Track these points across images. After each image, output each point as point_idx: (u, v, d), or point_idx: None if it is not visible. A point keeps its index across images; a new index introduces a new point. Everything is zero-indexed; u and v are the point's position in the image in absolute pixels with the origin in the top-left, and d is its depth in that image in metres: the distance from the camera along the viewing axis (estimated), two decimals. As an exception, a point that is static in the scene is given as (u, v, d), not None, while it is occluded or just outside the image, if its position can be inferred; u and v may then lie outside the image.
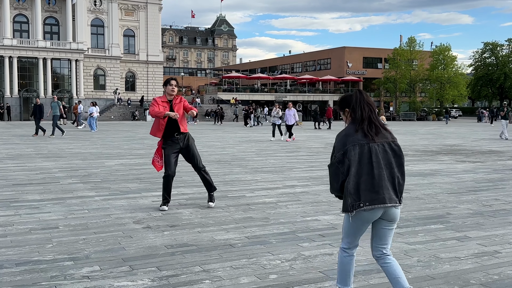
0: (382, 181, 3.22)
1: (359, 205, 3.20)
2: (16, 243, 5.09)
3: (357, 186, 3.21)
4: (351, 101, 3.38)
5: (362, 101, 3.35)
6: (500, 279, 4.14)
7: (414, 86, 67.66)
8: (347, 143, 3.26)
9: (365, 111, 3.32)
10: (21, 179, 9.56)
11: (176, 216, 6.42)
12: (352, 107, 3.35)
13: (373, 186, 3.20)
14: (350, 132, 3.30)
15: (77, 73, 56.71)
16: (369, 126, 3.29)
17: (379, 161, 3.23)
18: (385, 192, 3.21)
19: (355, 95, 3.39)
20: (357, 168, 3.22)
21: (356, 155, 3.22)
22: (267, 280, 4.07)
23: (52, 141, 20.17)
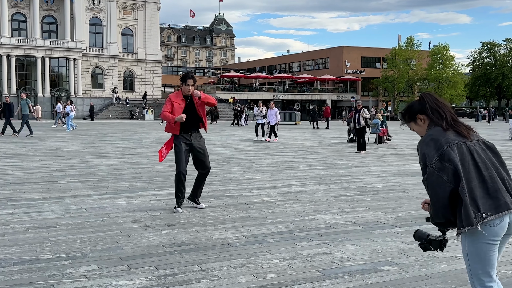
0: (496, 183, 2.60)
1: (482, 215, 2.53)
2: (14, 242, 5.09)
3: (473, 195, 2.55)
4: (424, 104, 2.80)
5: (437, 101, 2.79)
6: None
7: (412, 86, 67.70)
8: (442, 144, 2.61)
9: (446, 110, 2.76)
10: (19, 178, 9.54)
11: (174, 215, 6.42)
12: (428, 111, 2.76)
13: (488, 192, 2.57)
14: (437, 134, 2.67)
15: (75, 72, 56.59)
16: (457, 123, 2.72)
17: (485, 161, 2.64)
18: (504, 195, 2.58)
19: (426, 97, 2.82)
20: (462, 173, 2.55)
21: (457, 156, 2.58)
22: (265, 279, 4.08)
23: (50, 140, 20.14)
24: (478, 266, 2.61)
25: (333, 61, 71.85)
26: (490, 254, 2.60)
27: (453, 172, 2.56)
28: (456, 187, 2.55)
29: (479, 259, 2.60)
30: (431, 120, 2.76)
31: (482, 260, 2.60)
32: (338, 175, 10.45)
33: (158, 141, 20.02)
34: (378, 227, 5.88)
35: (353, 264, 4.48)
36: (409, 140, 22.27)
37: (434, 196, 2.61)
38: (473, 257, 2.62)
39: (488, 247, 2.58)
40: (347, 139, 21.71)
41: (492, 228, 2.56)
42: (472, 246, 2.61)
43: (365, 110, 16.94)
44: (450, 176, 2.56)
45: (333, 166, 12.00)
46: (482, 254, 2.60)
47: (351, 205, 7.16)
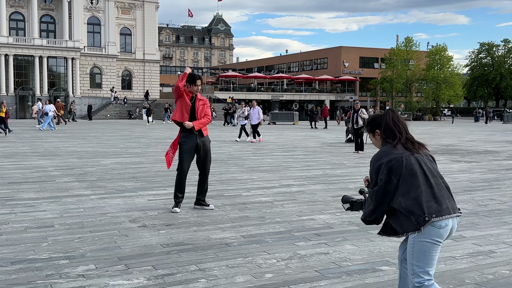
0: (441, 190, 2.92)
1: (425, 219, 2.82)
2: (12, 241, 5.08)
3: (417, 201, 2.84)
4: (381, 121, 3.11)
5: (395, 120, 3.09)
6: (495, 279, 4.16)
7: (410, 86, 67.79)
8: (390, 160, 2.94)
9: (401, 130, 3.06)
10: (16, 178, 9.53)
11: (172, 215, 6.42)
12: (384, 128, 3.08)
13: (434, 197, 2.87)
14: (387, 150, 3.01)
15: (73, 72, 56.50)
16: (407, 141, 3.03)
17: (431, 170, 2.96)
18: (447, 201, 2.90)
19: (387, 115, 3.12)
20: (410, 181, 2.89)
21: (404, 168, 2.90)
22: (263, 279, 4.08)
23: (47, 140, 20.11)
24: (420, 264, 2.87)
25: (332, 61, 71.91)
26: (433, 253, 2.87)
27: (395, 186, 2.91)
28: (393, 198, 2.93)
29: (423, 257, 2.86)
30: (384, 138, 3.08)
31: (425, 258, 2.86)
32: (336, 175, 10.45)
33: (156, 141, 20.01)
34: (376, 227, 5.86)
35: (351, 264, 4.48)
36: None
37: (376, 206, 2.98)
38: (417, 255, 2.87)
39: (432, 247, 2.85)
40: (345, 139, 21.73)
41: (438, 230, 2.84)
42: (418, 244, 2.87)
43: (363, 110, 16.97)
44: (392, 188, 2.92)
45: (331, 166, 12.01)
46: (426, 252, 2.85)
47: (349, 205, 7.15)
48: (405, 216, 2.87)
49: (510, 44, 79.03)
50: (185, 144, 6.60)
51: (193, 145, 6.61)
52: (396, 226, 2.98)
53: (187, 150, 6.61)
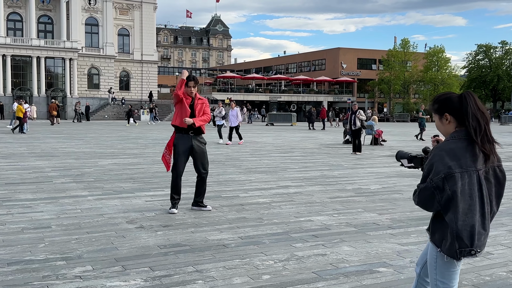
0: (488, 220, 2.52)
1: (470, 252, 2.47)
2: (8, 242, 5.07)
3: (471, 230, 2.45)
4: (459, 105, 2.50)
5: (477, 107, 2.47)
6: (492, 280, 4.16)
7: (408, 88, 67.91)
8: (454, 166, 2.42)
9: (482, 122, 2.47)
10: (13, 178, 9.51)
11: (169, 216, 6.41)
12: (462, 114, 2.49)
13: (483, 228, 2.49)
14: (457, 151, 2.45)
15: (71, 72, 56.44)
16: (486, 145, 2.48)
17: (487, 195, 2.50)
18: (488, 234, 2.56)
19: (467, 97, 2.49)
20: (469, 203, 2.44)
21: (465, 185, 2.43)
22: (260, 280, 4.07)
23: (45, 140, 20.08)
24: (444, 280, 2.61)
25: (329, 63, 72.00)
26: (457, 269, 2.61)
27: (448, 198, 2.45)
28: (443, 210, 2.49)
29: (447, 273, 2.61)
30: (461, 127, 2.51)
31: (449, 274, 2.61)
32: (333, 176, 10.45)
33: (154, 142, 19.99)
34: (373, 228, 5.88)
35: (348, 266, 4.48)
36: (405, 142, 22.33)
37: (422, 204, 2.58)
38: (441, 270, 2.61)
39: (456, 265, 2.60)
40: (343, 140, 21.74)
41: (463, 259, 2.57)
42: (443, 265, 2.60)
43: (361, 111, 16.97)
44: (443, 200, 2.47)
45: (329, 168, 12.02)
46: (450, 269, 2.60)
47: (346, 207, 7.17)
48: (451, 235, 2.48)
49: (507, 46, 79.26)
50: (180, 146, 6.59)
51: (188, 146, 6.61)
52: (435, 233, 2.60)
53: (182, 151, 6.60)
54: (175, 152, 6.63)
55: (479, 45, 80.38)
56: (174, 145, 6.63)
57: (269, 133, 29.73)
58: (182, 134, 6.59)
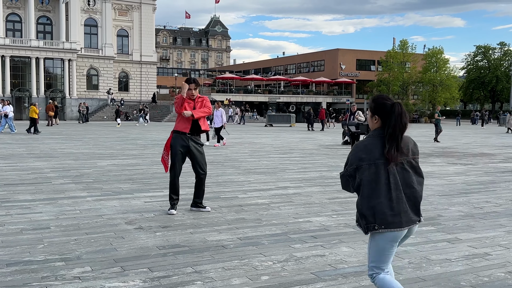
0: (401, 204, 3.02)
1: (374, 227, 3.03)
2: (7, 243, 5.07)
3: (373, 209, 3.01)
4: (389, 112, 3.04)
5: (400, 117, 3.02)
6: (490, 281, 4.17)
7: (407, 89, 67.95)
8: (363, 160, 3.03)
9: (398, 130, 3.01)
10: (12, 179, 9.50)
11: (168, 217, 6.41)
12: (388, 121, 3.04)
13: (391, 209, 3.00)
14: (370, 147, 3.05)
15: (70, 73, 56.41)
16: (394, 146, 3.01)
17: (398, 182, 3.02)
18: (402, 215, 3.02)
19: (396, 108, 3.04)
20: (372, 189, 3.02)
21: (371, 175, 3.01)
22: (259, 281, 4.08)
23: (44, 141, 20.07)
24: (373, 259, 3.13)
25: (328, 64, 72.04)
26: (385, 252, 3.10)
27: (358, 185, 3.09)
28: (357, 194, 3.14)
29: (376, 254, 3.11)
30: (383, 128, 3.06)
31: (378, 255, 3.11)
32: (332, 177, 10.46)
33: (153, 143, 19.99)
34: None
35: (347, 266, 4.49)
36: (404, 143, 22.34)
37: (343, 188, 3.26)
38: (371, 251, 3.14)
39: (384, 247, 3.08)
40: (342, 141, 21.76)
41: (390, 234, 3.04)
42: (372, 241, 3.12)
43: (359, 112, 16.99)
44: (355, 185, 3.12)
45: (328, 168, 12.02)
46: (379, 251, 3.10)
47: (345, 207, 7.18)
48: (360, 215, 3.10)
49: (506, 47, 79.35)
50: (177, 146, 6.61)
51: (185, 147, 6.63)
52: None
53: (179, 152, 6.62)
54: (172, 153, 6.65)
55: (478, 46, 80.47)
56: (171, 145, 6.64)
57: (268, 134, 29.74)
58: (179, 135, 6.62)
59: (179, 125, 6.64)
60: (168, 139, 6.71)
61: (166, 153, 6.69)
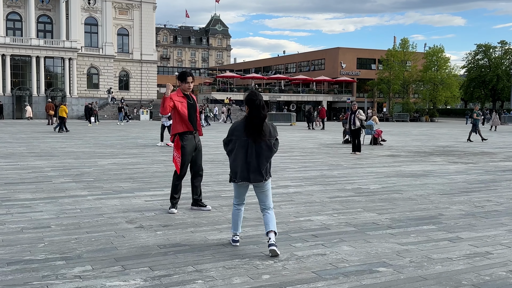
0: (250, 166, 4.74)
1: (234, 180, 4.89)
2: (8, 242, 5.06)
3: (235, 168, 4.81)
4: (251, 101, 4.69)
5: (253, 102, 4.69)
6: (491, 280, 4.16)
7: (407, 87, 67.93)
8: (234, 134, 4.79)
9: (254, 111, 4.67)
10: (13, 178, 9.50)
11: (169, 215, 6.40)
12: (250, 107, 4.68)
13: (246, 170, 4.76)
14: (239, 127, 4.77)
15: (70, 72, 56.41)
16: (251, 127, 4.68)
17: (252, 153, 4.71)
18: (250, 174, 4.76)
19: (250, 95, 4.73)
20: (236, 154, 4.78)
21: (235, 144, 4.77)
22: (260, 280, 4.07)
23: (44, 140, 20.06)
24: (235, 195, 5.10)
25: (329, 62, 72.00)
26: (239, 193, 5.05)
27: (228, 151, 4.89)
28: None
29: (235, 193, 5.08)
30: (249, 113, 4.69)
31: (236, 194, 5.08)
32: (333, 176, 10.45)
33: (153, 142, 19.98)
34: (373, 228, 5.89)
35: (348, 265, 4.48)
36: (404, 142, 22.33)
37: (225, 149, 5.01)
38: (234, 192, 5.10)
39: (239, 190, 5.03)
40: (342, 140, 21.74)
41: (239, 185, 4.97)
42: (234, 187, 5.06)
43: (360, 111, 16.96)
44: (228, 150, 4.89)
45: (328, 167, 12.01)
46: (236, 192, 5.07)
47: (346, 206, 7.17)
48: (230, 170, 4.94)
49: (506, 45, 79.31)
50: (188, 146, 6.50)
51: (193, 146, 6.58)
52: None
53: (189, 151, 6.54)
54: (183, 154, 6.50)
55: (479, 45, 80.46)
56: (183, 147, 6.48)
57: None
58: (188, 135, 6.50)
59: (181, 126, 6.48)
60: (176, 140, 6.54)
61: (178, 155, 6.52)
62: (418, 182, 9.68)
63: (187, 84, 6.44)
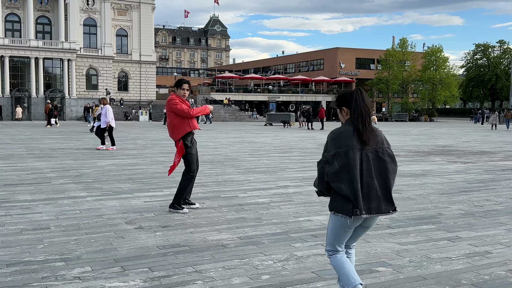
0: (371, 190, 3.14)
1: (356, 212, 3.12)
2: (7, 243, 5.06)
3: (355, 193, 3.11)
4: (351, 100, 3.22)
5: (362, 101, 3.20)
6: (491, 279, 4.16)
7: (406, 87, 67.97)
8: (341, 146, 3.15)
9: (364, 113, 3.18)
10: (12, 179, 9.49)
11: (169, 216, 6.40)
12: (353, 107, 3.20)
13: (367, 196, 3.14)
14: (345, 134, 3.18)
15: (69, 73, 56.41)
16: (365, 130, 3.15)
17: (370, 169, 3.15)
18: (372, 202, 3.15)
19: (355, 93, 3.23)
20: (350, 172, 3.11)
21: (348, 160, 3.11)
22: (260, 280, 4.07)
23: (43, 141, 20.05)
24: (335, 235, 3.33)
25: (328, 63, 72.03)
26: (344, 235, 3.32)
27: (335, 171, 3.14)
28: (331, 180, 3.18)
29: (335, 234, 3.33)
30: (351, 117, 3.21)
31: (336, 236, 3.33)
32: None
33: (153, 142, 19.98)
34: (373, 228, 5.88)
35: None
36: (403, 141, 22.34)
37: (319, 176, 3.30)
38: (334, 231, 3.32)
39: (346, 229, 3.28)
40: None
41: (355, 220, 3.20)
42: (336, 223, 3.28)
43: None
44: (331, 172, 3.16)
45: (328, 167, 12.00)
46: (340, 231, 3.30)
47: (345, 206, 7.16)
48: (343, 199, 3.16)
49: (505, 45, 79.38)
50: (194, 147, 6.73)
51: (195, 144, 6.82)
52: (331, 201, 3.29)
53: (195, 150, 6.76)
54: (189, 153, 6.65)
55: (477, 45, 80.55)
56: (188, 146, 6.64)
57: (267, 133, 29.73)
58: (191, 136, 6.70)
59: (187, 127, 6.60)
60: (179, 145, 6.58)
61: (179, 160, 6.69)
62: (417, 182, 9.68)
63: (182, 91, 6.67)
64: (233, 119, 54.77)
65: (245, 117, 56.08)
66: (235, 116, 55.68)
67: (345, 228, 3.26)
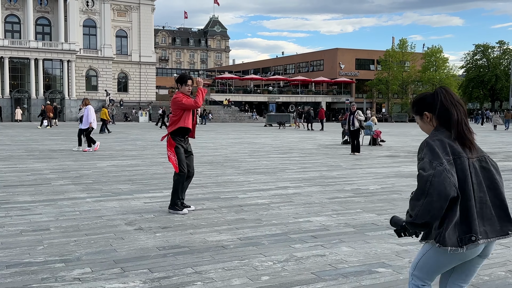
0: (484, 209, 2.42)
1: (471, 238, 2.34)
2: (7, 245, 5.06)
3: (466, 213, 2.35)
4: (436, 101, 2.47)
5: (452, 100, 2.46)
6: (490, 280, 4.16)
7: (406, 88, 68.03)
8: (451, 152, 2.37)
9: (460, 113, 2.45)
10: (12, 181, 9.49)
11: (168, 217, 6.40)
12: (439, 110, 2.46)
13: (481, 217, 2.41)
14: (447, 140, 2.41)
15: (69, 74, 56.39)
16: (467, 133, 2.46)
17: (481, 182, 2.44)
18: (486, 223, 2.41)
19: (440, 93, 2.49)
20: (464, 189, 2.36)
21: (459, 171, 2.36)
22: (259, 281, 4.07)
23: (43, 142, 20.05)
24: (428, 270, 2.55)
25: (328, 63, 72.08)
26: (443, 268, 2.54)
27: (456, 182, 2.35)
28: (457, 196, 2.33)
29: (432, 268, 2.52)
30: (440, 122, 2.48)
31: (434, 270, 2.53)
32: (332, 177, 10.46)
33: (153, 143, 19.98)
34: (372, 229, 5.89)
35: (347, 266, 4.48)
36: (403, 142, 22.34)
37: (435, 195, 2.26)
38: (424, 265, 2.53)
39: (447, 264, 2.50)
40: (341, 141, 21.75)
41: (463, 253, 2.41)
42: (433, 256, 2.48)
43: (359, 112, 16.97)
44: (456, 182, 2.33)
45: (328, 168, 12.02)
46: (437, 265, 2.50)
47: (345, 207, 7.17)
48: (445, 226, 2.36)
49: (505, 45, 79.39)
50: (182, 147, 6.64)
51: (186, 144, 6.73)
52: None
53: (185, 150, 6.69)
54: (179, 152, 6.59)
55: (477, 45, 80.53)
56: (177, 144, 6.60)
57: (267, 134, 29.74)
58: (180, 137, 6.63)
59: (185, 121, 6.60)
60: (169, 140, 6.63)
61: (173, 154, 6.60)
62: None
63: (187, 87, 6.61)
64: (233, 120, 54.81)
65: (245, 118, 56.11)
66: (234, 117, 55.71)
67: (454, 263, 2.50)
